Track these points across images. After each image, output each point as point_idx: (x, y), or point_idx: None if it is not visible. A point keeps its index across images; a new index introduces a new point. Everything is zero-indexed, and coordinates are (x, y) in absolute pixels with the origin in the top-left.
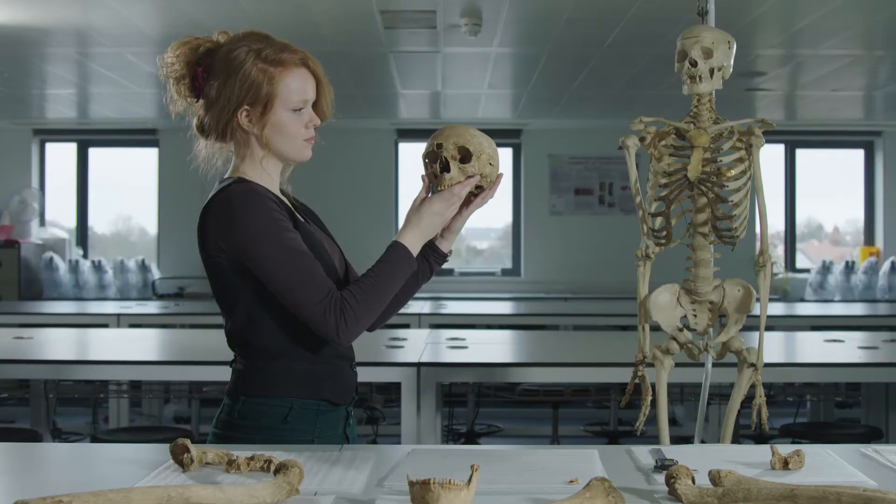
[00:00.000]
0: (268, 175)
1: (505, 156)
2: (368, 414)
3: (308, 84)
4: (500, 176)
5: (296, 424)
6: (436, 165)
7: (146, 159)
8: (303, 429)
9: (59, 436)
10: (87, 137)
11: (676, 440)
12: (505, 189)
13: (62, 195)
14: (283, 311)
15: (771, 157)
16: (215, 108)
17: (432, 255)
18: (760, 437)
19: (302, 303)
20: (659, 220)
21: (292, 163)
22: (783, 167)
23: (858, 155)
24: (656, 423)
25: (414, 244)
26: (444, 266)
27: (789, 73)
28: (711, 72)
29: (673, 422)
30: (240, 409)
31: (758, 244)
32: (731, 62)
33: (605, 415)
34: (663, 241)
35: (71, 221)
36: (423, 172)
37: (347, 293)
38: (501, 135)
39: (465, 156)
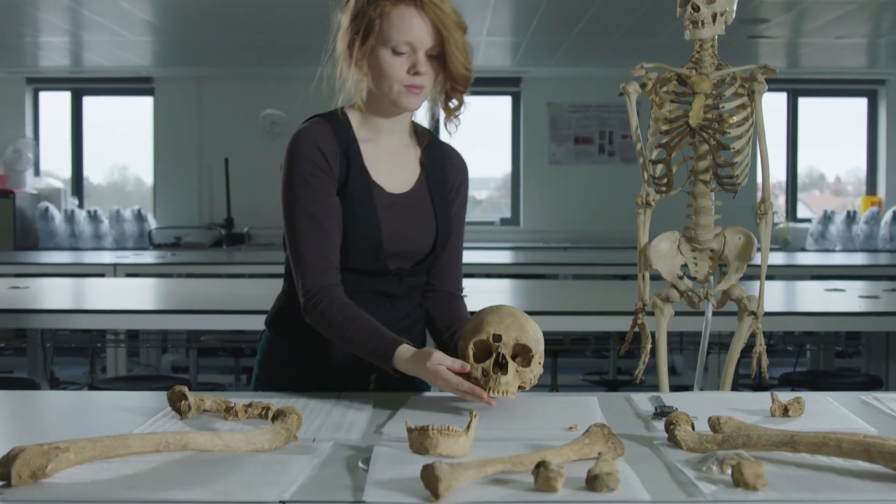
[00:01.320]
0: (363, 115)
1: (504, 104)
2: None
3: (415, 27)
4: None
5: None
6: (488, 362)
7: (141, 108)
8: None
9: (57, 385)
10: (82, 86)
11: (675, 389)
12: (504, 138)
13: (57, 145)
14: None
15: (773, 105)
16: (340, 33)
17: None
18: (760, 386)
19: (294, 272)
20: (659, 167)
21: (398, 109)
22: (785, 116)
23: (861, 104)
24: (656, 371)
25: (403, 365)
26: None
27: (792, 19)
28: (714, 17)
29: (672, 371)
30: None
31: (759, 192)
32: (734, 7)
33: (604, 364)
34: (664, 188)
35: (66, 171)
36: (466, 360)
37: (327, 304)
38: (500, 83)
39: (523, 355)
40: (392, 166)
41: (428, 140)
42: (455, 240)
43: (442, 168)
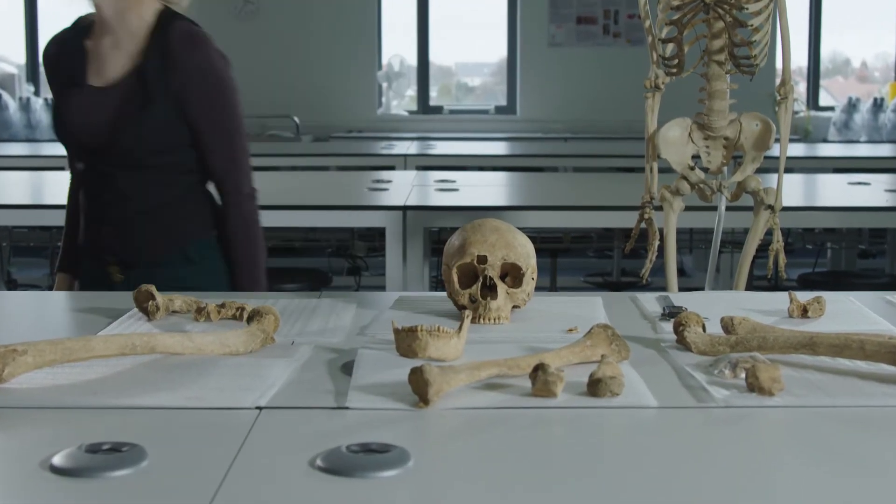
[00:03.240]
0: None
1: None
2: (350, 264)
3: None
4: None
5: None
6: (475, 287)
7: None
8: None
9: (15, 288)
10: None
11: (684, 291)
12: (499, 19)
13: (9, 26)
14: None
15: None
16: None
17: None
18: (776, 288)
19: None
20: (670, 46)
21: None
22: None
23: None
24: (663, 271)
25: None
26: (433, 104)
27: None
28: None
29: (681, 273)
30: None
31: (778, 76)
32: None
33: (608, 265)
34: (674, 69)
35: (20, 56)
36: (450, 286)
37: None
38: None
39: (513, 274)
40: (109, 60)
41: (161, 26)
42: (219, 136)
43: (163, 54)
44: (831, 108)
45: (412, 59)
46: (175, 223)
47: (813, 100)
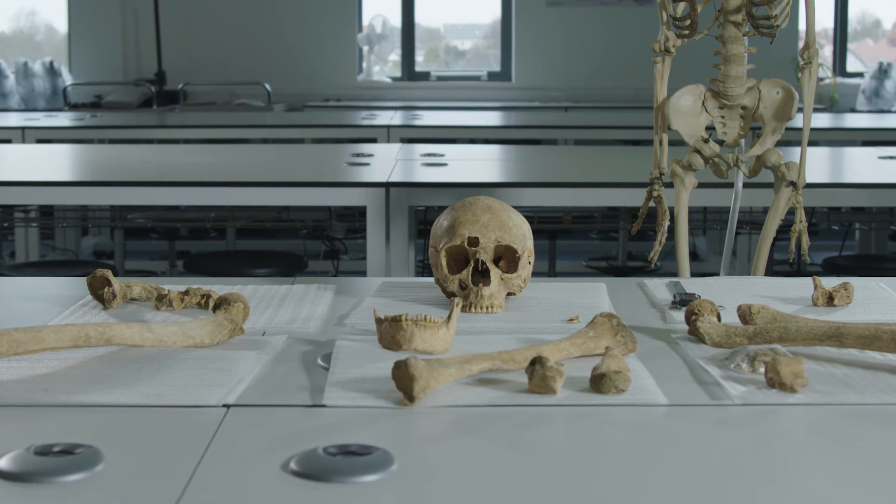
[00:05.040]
0: None
1: None
2: (327, 247)
3: None
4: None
5: None
6: (466, 272)
7: None
8: None
9: None
10: None
11: (698, 276)
12: None
13: None
14: None
15: None
16: None
17: None
18: (799, 273)
19: None
20: (682, 6)
21: None
22: None
23: None
24: (674, 255)
25: None
26: (418, 69)
27: None
28: None
29: (694, 256)
30: None
31: (801, 39)
32: None
33: (612, 247)
34: (686, 31)
35: None
36: (438, 270)
37: None
38: None
39: (508, 258)
40: None
41: None
42: None
43: None
44: (860, 75)
45: (396, 19)
46: None
47: (839, 65)
